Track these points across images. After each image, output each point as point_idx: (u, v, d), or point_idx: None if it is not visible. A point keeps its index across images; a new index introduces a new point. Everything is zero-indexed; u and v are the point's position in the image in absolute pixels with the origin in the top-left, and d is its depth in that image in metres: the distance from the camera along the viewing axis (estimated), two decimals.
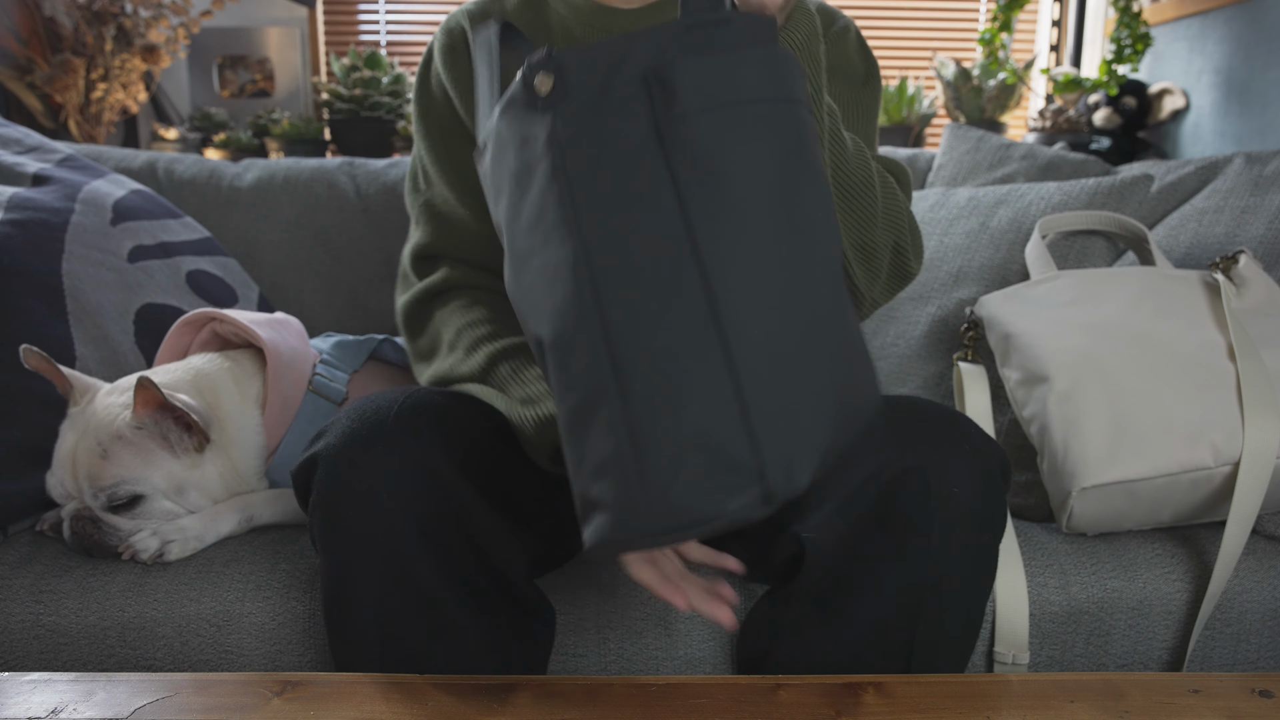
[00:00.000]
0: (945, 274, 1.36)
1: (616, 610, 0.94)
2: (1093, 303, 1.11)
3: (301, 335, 1.10)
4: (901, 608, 0.77)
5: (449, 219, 0.97)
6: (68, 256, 1.18)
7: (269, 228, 1.51)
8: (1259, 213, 1.26)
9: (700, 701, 0.67)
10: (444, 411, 0.79)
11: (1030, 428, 1.08)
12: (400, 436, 0.74)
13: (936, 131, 2.75)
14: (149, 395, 0.92)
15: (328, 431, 0.77)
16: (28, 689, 0.68)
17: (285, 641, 0.93)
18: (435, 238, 0.98)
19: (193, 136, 2.56)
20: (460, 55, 0.97)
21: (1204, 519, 1.04)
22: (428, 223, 0.98)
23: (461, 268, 0.96)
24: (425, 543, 0.74)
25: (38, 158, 1.34)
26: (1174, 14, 2.23)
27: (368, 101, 2.44)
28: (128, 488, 0.94)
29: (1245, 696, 0.69)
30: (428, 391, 0.81)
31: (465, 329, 0.91)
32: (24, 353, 0.95)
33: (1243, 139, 2.01)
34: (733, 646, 0.93)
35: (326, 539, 0.76)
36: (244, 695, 0.67)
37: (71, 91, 2.18)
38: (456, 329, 0.92)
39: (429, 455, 0.74)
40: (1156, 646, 0.99)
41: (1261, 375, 1.00)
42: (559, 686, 0.70)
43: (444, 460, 0.75)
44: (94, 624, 0.91)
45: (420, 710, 0.66)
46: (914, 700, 0.68)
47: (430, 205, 0.98)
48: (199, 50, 2.62)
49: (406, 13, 2.90)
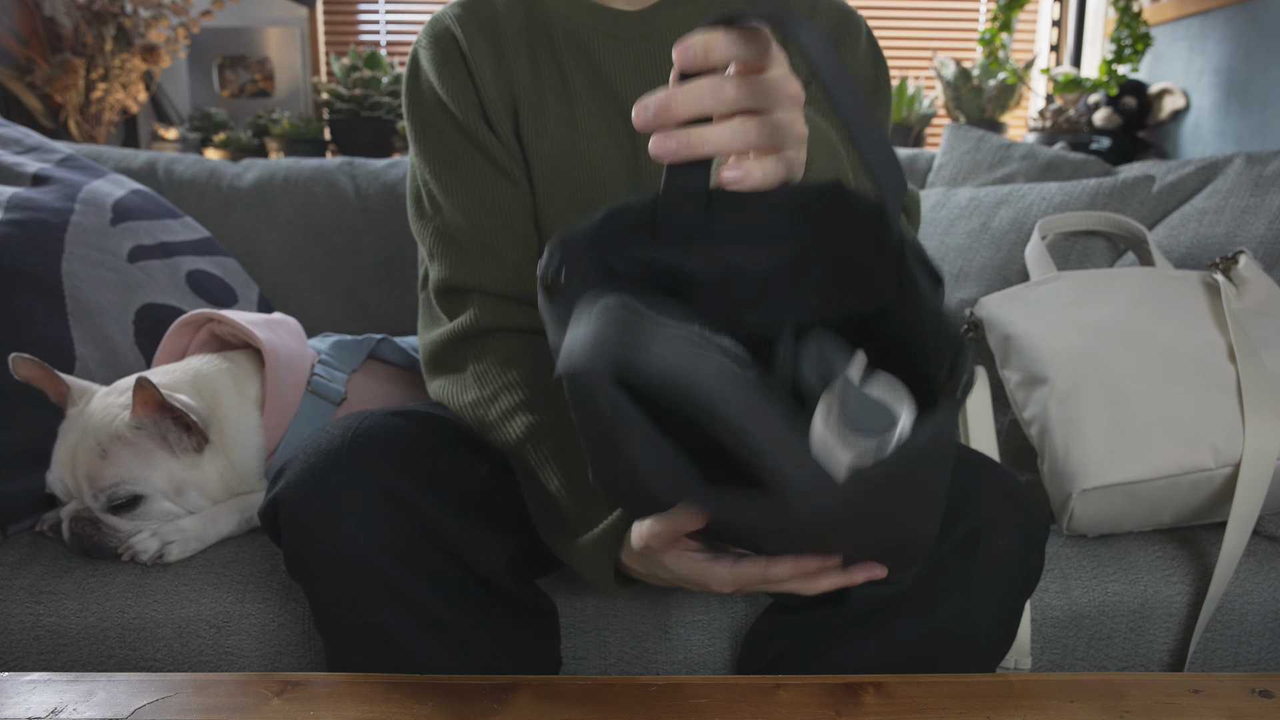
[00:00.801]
0: (946, 274, 1.36)
1: (616, 611, 0.94)
2: (1092, 304, 1.11)
3: (299, 335, 1.10)
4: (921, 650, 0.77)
5: (467, 248, 0.89)
6: (68, 256, 1.18)
7: (269, 228, 1.51)
8: (1259, 213, 1.25)
9: (700, 701, 0.67)
10: (396, 433, 0.79)
11: (1030, 429, 1.08)
12: (355, 464, 0.76)
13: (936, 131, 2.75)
14: (148, 395, 0.92)
15: (286, 470, 0.79)
16: (28, 689, 0.68)
17: (285, 643, 0.93)
18: (455, 271, 0.88)
19: (193, 136, 2.56)
20: (454, 62, 0.91)
21: (1204, 520, 1.04)
22: (444, 255, 0.89)
23: (491, 302, 0.88)
24: (397, 560, 0.75)
25: (38, 158, 1.34)
26: (1174, 14, 2.23)
27: (368, 101, 2.44)
28: (127, 488, 0.94)
29: (1245, 696, 0.69)
30: (377, 415, 0.82)
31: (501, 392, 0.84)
32: (14, 362, 0.94)
33: (1243, 139, 2.01)
34: (734, 651, 0.93)
35: (302, 573, 0.78)
36: (244, 695, 0.67)
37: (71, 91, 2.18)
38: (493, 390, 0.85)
39: (386, 477, 0.76)
40: (1157, 649, 0.99)
41: (1262, 376, 1.00)
42: (559, 686, 0.70)
43: (401, 479, 0.76)
44: (94, 624, 0.91)
45: (420, 710, 0.66)
46: (914, 700, 0.68)
47: (443, 234, 0.90)
48: (199, 50, 2.62)
49: (406, 13, 2.90)
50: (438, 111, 0.91)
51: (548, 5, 0.93)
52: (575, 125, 0.91)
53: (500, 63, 0.91)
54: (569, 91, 0.91)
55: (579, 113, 0.91)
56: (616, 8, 0.92)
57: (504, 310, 0.88)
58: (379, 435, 0.78)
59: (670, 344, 0.49)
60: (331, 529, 0.75)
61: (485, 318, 0.87)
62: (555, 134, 0.91)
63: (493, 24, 0.93)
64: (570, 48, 0.92)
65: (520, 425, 0.80)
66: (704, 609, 0.94)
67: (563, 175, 0.91)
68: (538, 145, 0.91)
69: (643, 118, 0.53)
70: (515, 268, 0.89)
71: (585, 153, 0.91)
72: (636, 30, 0.92)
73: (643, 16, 0.92)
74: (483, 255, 0.88)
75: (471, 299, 0.88)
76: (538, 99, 0.91)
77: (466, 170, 0.90)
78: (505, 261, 0.88)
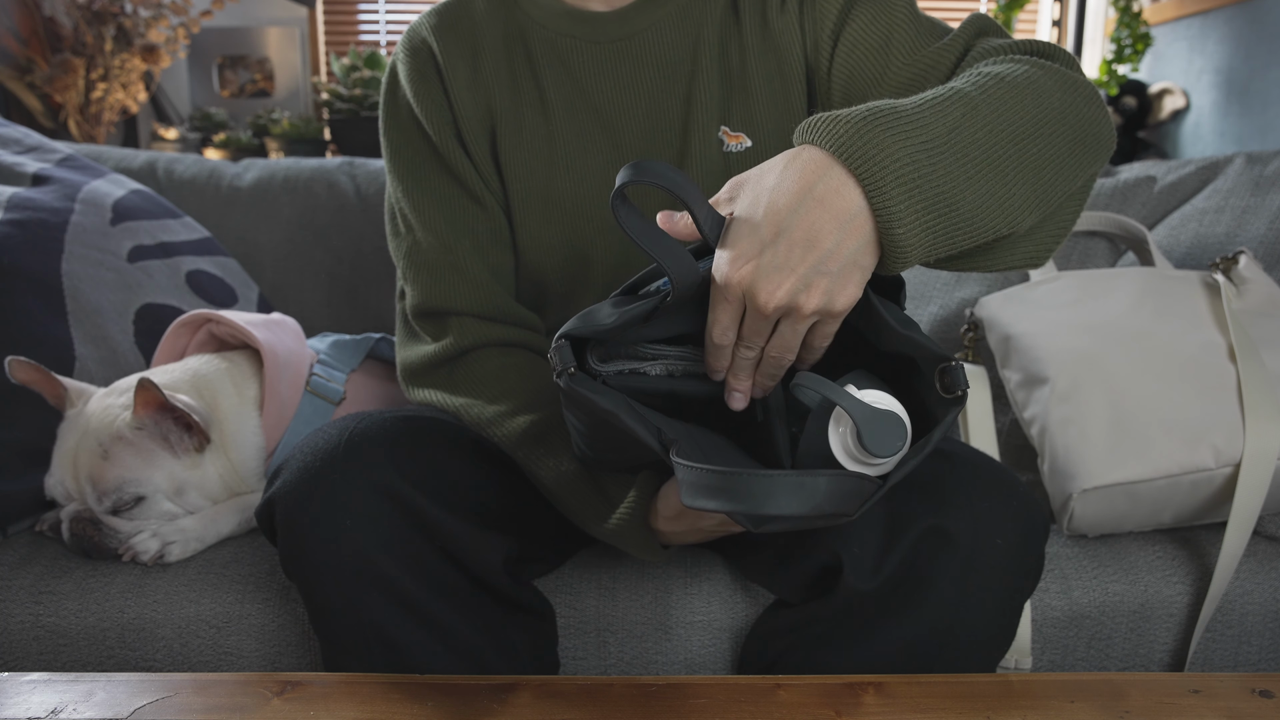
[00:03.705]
0: (947, 274, 1.36)
1: (616, 612, 0.94)
2: (1093, 304, 1.11)
3: (298, 336, 1.10)
4: (920, 648, 0.77)
5: (438, 270, 0.89)
6: (67, 256, 1.18)
7: (269, 227, 1.51)
8: (1259, 213, 1.26)
9: (700, 701, 0.67)
10: (394, 433, 0.79)
11: (1031, 429, 1.08)
12: (352, 465, 0.76)
13: None
14: (149, 396, 0.92)
15: (283, 470, 0.79)
16: (28, 689, 0.68)
17: (285, 643, 0.93)
18: (428, 294, 0.89)
19: (193, 136, 2.56)
20: (430, 79, 0.90)
21: (1205, 520, 1.04)
22: (416, 279, 0.89)
23: (470, 323, 0.88)
24: (394, 560, 0.75)
25: (37, 158, 1.34)
26: (1174, 14, 2.23)
27: (368, 101, 2.44)
28: (132, 490, 0.94)
29: (1245, 696, 0.69)
30: (375, 416, 0.82)
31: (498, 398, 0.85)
32: (10, 365, 0.94)
33: (1243, 139, 2.01)
34: (734, 651, 0.93)
35: (298, 573, 0.78)
36: (244, 695, 0.67)
37: (71, 91, 2.18)
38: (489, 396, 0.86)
39: (383, 477, 0.76)
40: (1158, 650, 0.99)
41: (1262, 376, 1.00)
42: (559, 686, 0.70)
43: (398, 479, 0.76)
44: (94, 624, 0.91)
45: (420, 710, 0.66)
46: (914, 700, 0.68)
47: (415, 256, 0.90)
48: (199, 50, 2.62)
49: (406, 13, 2.90)
50: (412, 129, 0.91)
51: (525, 13, 0.91)
52: (553, 140, 0.90)
53: (477, 77, 0.90)
54: (547, 105, 0.90)
55: (558, 127, 0.90)
56: (593, 9, 0.90)
57: (482, 329, 0.88)
58: (376, 435, 0.78)
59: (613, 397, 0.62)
60: (328, 529, 0.75)
61: (466, 339, 0.88)
62: (534, 148, 0.90)
63: (470, 35, 0.91)
64: (549, 59, 0.90)
65: (522, 423, 0.82)
66: (704, 609, 0.94)
67: (540, 189, 0.90)
68: (515, 160, 0.90)
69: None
70: (487, 288, 0.89)
71: (564, 166, 0.90)
72: (615, 32, 0.90)
73: (621, 17, 0.90)
74: (454, 277, 0.88)
75: (450, 322, 0.89)
76: (516, 113, 0.90)
77: (438, 190, 0.90)
78: (477, 282, 0.88)
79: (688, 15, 0.90)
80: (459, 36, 0.91)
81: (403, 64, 0.92)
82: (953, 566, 0.75)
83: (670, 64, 0.90)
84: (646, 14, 0.90)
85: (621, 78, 0.90)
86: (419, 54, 0.91)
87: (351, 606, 0.76)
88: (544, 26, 0.91)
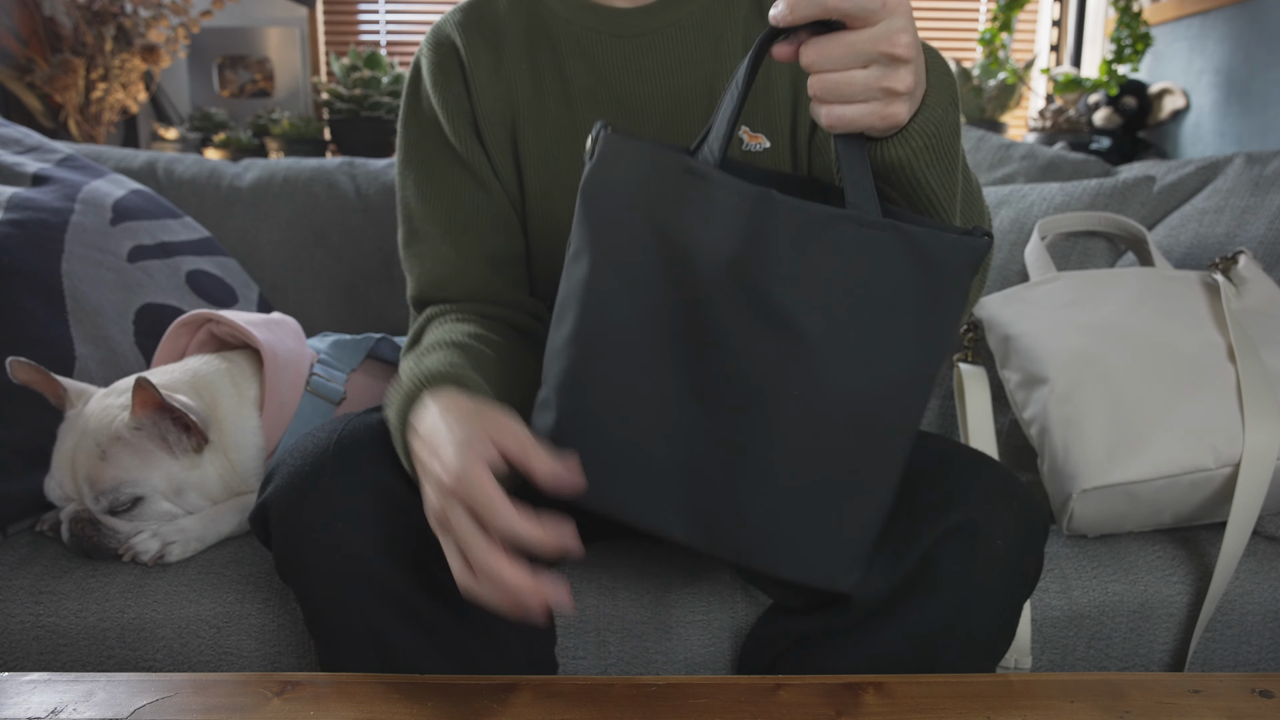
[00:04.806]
0: None
1: (616, 612, 0.94)
2: (1092, 304, 1.11)
3: (298, 335, 1.10)
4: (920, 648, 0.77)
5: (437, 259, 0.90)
6: (67, 256, 1.18)
7: (269, 227, 1.51)
8: (1259, 213, 1.26)
9: (700, 701, 0.67)
10: (384, 432, 0.79)
11: (1030, 429, 1.08)
12: (343, 466, 0.76)
13: None
14: (147, 396, 0.92)
15: (275, 473, 0.79)
16: (28, 689, 0.68)
17: (285, 643, 0.93)
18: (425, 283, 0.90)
19: (193, 136, 2.56)
20: (451, 72, 0.91)
21: (1204, 520, 1.04)
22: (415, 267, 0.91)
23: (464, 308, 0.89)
24: (387, 560, 0.75)
25: (37, 158, 1.34)
26: (1174, 14, 2.23)
27: (368, 101, 2.44)
28: (129, 491, 0.94)
29: (1245, 696, 0.69)
30: (365, 417, 0.82)
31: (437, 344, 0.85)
32: (11, 366, 0.94)
33: (1243, 139, 2.01)
34: (734, 651, 0.93)
35: (293, 576, 0.78)
36: (243, 695, 0.67)
37: (71, 91, 2.18)
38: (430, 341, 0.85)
39: (374, 477, 0.76)
40: (1157, 649, 0.99)
41: (1261, 376, 1.00)
42: (559, 686, 0.70)
43: (390, 478, 0.76)
44: (94, 624, 0.91)
45: (420, 710, 0.66)
46: (914, 700, 0.68)
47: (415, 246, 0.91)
48: (199, 50, 2.62)
49: (406, 13, 2.90)
50: (430, 122, 0.92)
51: (548, 9, 0.93)
52: (576, 129, 0.91)
53: (499, 69, 0.91)
54: (570, 96, 0.91)
55: (581, 116, 0.91)
56: (618, 6, 0.91)
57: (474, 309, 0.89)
58: (366, 435, 0.78)
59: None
60: (321, 531, 0.75)
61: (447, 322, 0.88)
62: (557, 136, 0.91)
63: (494, 29, 0.92)
64: (572, 51, 0.91)
65: (434, 358, 0.79)
66: (704, 609, 0.94)
67: (563, 177, 0.90)
68: (538, 148, 0.91)
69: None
70: (484, 278, 0.89)
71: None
72: (638, 27, 0.91)
73: (645, 13, 0.91)
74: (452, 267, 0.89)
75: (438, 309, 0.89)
76: (539, 104, 0.91)
77: (446, 183, 0.91)
78: (475, 273, 0.89)
79: (710, 15, 0.91)
80: (482, 30, 0.92)
81: (426, 58, 0.93)
82: (953, 567, 0.75)
83: (692, 62, 0.91)
84: (669, 11, 0.91)
85: (644, 70, 0.91)
86: (442, 48, 0.93)
87: (346, 609, 0.75)
88: (567, 21, 0.92)
